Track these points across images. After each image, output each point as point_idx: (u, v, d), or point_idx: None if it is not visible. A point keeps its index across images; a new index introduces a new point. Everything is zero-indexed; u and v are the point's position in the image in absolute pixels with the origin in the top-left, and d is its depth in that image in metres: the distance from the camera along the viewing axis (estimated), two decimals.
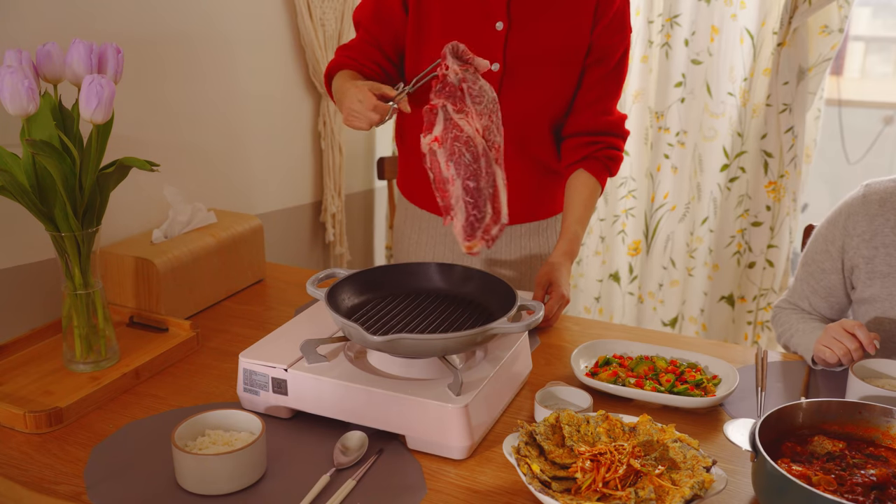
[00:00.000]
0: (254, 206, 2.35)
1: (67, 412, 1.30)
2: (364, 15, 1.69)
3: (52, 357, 1.50)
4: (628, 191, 2.95)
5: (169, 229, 1.79)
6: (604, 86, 1.66)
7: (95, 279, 1.43)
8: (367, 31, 1.67)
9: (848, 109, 3.81)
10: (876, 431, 1.17)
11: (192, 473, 1.11)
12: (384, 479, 1.17)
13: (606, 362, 1.46)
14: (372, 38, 1.67)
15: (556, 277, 1.60)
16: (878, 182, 1.54)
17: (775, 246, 2.77)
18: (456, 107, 1.29)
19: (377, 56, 1.66)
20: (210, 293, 1.79)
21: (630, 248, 3.01)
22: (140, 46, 1.84)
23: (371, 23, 1.66)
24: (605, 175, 1.71)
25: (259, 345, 1.35)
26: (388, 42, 1.67)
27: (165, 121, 1.96)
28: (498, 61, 1.60)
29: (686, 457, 1.10)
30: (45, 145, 1.28)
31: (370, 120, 1.45)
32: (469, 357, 1.35)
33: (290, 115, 2.49)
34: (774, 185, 2.72)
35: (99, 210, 1.40)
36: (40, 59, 1.37)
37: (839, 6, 2.50)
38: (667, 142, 2.83)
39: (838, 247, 1.55)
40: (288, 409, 1.30)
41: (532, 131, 1.67)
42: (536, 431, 1.15)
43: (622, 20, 1.64)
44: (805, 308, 1.63)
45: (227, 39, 2.15)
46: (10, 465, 1.20)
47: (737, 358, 1.55)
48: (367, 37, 1.67)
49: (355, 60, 1.65)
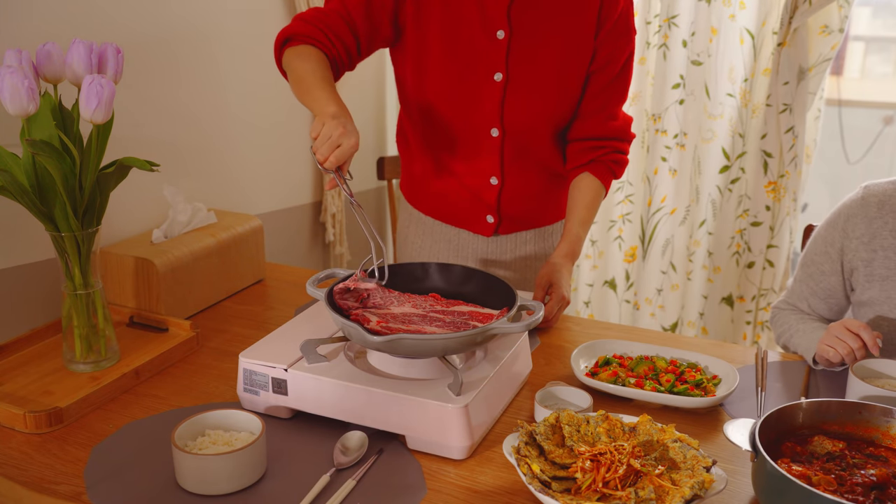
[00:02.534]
0: (254, 206, 2.35)
1: (67, 412, 1.30)
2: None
3: (52, 357, 1.50)
4: (625, 195, 2.95)
5: (169, 229, 1.79)
6: (609, 91, 1.65)
7: (95, 279, 1.43)
8: (346, 7, 1.54)
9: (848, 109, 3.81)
10: (876, 431, 1.17)
11: (192, 473, 1.11)
12: (384, 479, 1.17)
13: (606, 362, 1.46)
14: (348, 16, 1.53)
15: (557, 278, 1.60)
16: (876, 184, 1.54)
17: (775, 246, 2.77)
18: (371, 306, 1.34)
19: (346, 35, 1.53)
20: (210, 293, 1.79)
21: (627, 254, 3.01)
22: (140, 46, 1.84)
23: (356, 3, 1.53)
24: (609, 178, 1.70)
25: (259, 345, 1.35)
26: (364, 29, 1.54)
27: (165, 121, 1.96)
28: (500, 71, 1.58)
29: (686, 457, 1.10)
30: (45, 145, 1.28)
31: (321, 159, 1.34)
32: (469, 357, 1.35)
33: (291, 115, 2.49)
34: (774, 186, 2.72)
35: (99, 210, 1.40)
36: (40, 59, 1.37)
37: (839, 6, 2.50)
38: (664, 144, 2.82)
39: (837, 249, 1.55)
40: (288, 409, 1.30)
41: (537, 138, 1.66)
42: (536, 431, 1.15)
43: (626, 24, 1.61)
44: (804, 309, 1.63)
45: (228, 39, 2.15)
46: (10, 465, 1.20)
47: (737, 358, 1.55)
48: (344, 12, 1.53)
49: (323, 34, 1.51)
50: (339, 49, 1.53)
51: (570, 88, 1.62)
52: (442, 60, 1.59)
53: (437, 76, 1.60)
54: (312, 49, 1.51)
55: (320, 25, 1.52)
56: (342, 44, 1.54)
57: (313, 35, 1.51)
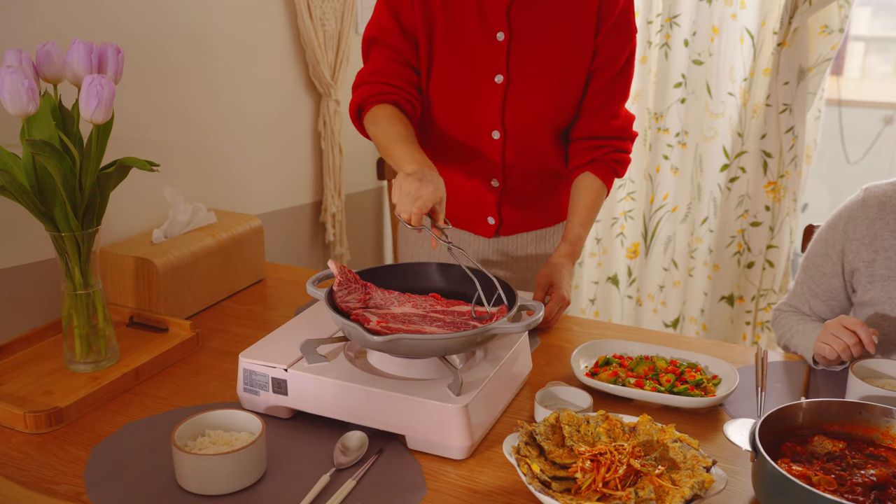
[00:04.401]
0: (254, 206, 2.35)
1: (67, 412, 1.30)
2: (383, 30, 1.56)
3: (52, 357, 1.50)
4: (627, 193, 2.95)
5: (169, 229, 1.79)
6: (611, 90, 1.64)
7: (95, 279, 1.43)
8: (392, 48, 1.56)
9: (848, 109, 3.81)
10: (876, 431, 1.17)
11: (192, 473, 1.11)
12: (384, 479, 1.17)
13: (606, 362, 1.46)
14: (399, 56, 1.56)
15: (557, 279, 1.60)
16: (877, 185, 1.54)
17: (775, 246, 2.77)
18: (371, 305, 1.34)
19: (409, 74, 1.56)
20: (210, 293, 1.79)
21: (629, 250, 3.01)
22: (140, 46, 1.84)
23: (393, 36, 1.55)
24: (611, 178, 1.70)
25: (259, 345, 1.35)
26: (413, 55, 1.56)
27: (165, 121, 1.96)
28: (501, 72, 1.58)
29: (686, 457, 1.10)
30: (45, 145, 1.28)
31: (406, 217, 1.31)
32: (469, 357, 1.35)
33: (290, 115, 2.49)
34: (774, 186, 2.72)
35: (99, 210, 1.40)
36: (40, 59, 1.36)
37: (839, 6, 2.50)
38: (666, 143, 2.83)
39: (838, 251, 1.55)
40: (288, 409, 1.30)
41: (538, 139, 1.66)
42: (536, 431, 1.15)
43: (627, 22, 1.61)
44: (805, 311, 1.63)
45: (228, 39, 2.15)
46: (10, 465, 1.20)
47: (737, 358, 1.55)
48: (394, 55, 1.56)
49: (390, 86, 1.53)
50: (408, 90, 1.54)
51: (571, 89, 1.62)
52: (443, 63, 1.59)
53: (438, 78, 1.60)
54: (381, 109, 1.52)
55: (381, 78, 1.53)
56: (408, 84, 1.55)
57: (379, 91, 1.53)
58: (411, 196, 1.30)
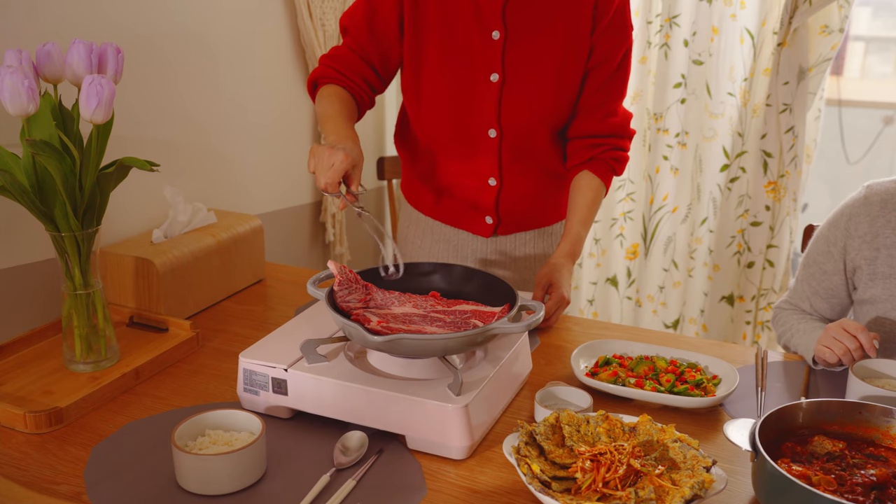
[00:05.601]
0: (254, 206, 2.35)
1: (67, 412, 1.30)
2: (354, 24, 1.61)
3: (52, 357, 1.50)
4: (627, 194, 2.95)
5: (169, 229, 1.79)
6: (607, 88, 1.64)
7: (95, 279, 1.43)
8: (356, 40, 1.61)
9: (848, 109, 3.81)
10: (876, 431, 1.17)
11: (192, 473, 1.11)
12: (384, 479, 1.17)
13: (606, 362, 1.46)
14: (360, 48, 1.61)
15: (557, 278, 1.60)
16: (879, 183, 1.54)
17: (775, 246, 2.77)
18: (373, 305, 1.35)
19: (363, 69, 1.61)
20: (210, 293, 1.79)
21: (628, 251, 3.01)
22: (140, 46, 1.84)
23: (361, 33, 1.60)
24: (610, 176, 1.70)
25: (259, 345, 1.35)
26: (376, 55, 1.61)
27: (165, 121, 1.96)
28: (497, 71, 1.58)
29: (686, 457, 1.10)
30: (45, 145, 1.28)
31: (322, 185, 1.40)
32: (469, 357, 1.35)
33: (290, 115, 2.49)
34: (774, 185, 2.72)
35: (99, 210, 1.40)
36: (40, 59, 1.36)
37: (839, 6, 2.50)
38: (666, 143, 2.82)
39: (840, 248, 1.55)
40: (288, 409, 1.30)
41: (535, 138, 1.66)
42: (536, 431, 1.15)
43: (622, 20, 1.61)
44: (806, 309, 1.63)
45: (228, 39, 2.15)
46: (9, 465, 1.20)
47: (737, 358, 1.55)
48: (355, 46, 1.61)
49: (341, 74, 1.60)
50: (357, 82, 1.61)
51: (568, 87, 1.62)
52: (438, 62, 1.59)
53: (434, 77, 1.60)
54: (331, 88, 1.60)
55: (336, 65, 1.60)
56: (359, 77, 1.62)
57: (330, 75, 1.61)
58: (323, 165, 1.38)
